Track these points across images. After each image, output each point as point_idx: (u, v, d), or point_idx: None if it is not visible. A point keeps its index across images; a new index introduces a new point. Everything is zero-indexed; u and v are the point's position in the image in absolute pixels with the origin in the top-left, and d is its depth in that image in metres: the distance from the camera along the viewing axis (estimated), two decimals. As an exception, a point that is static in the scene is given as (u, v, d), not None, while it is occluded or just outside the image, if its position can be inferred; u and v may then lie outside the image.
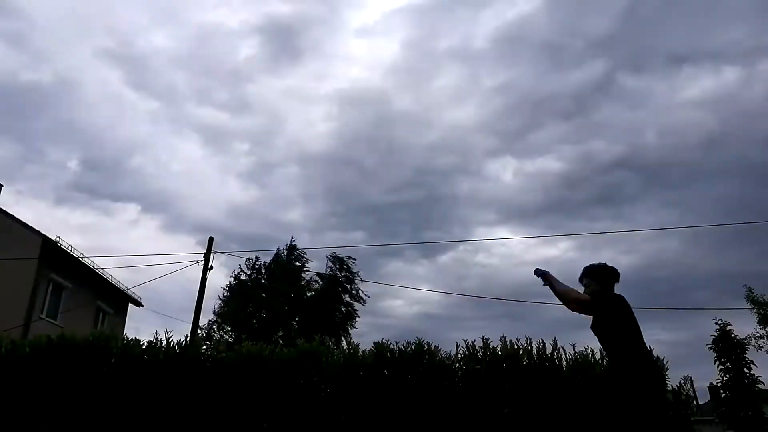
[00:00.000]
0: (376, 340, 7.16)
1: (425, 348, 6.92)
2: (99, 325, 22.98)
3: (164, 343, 7.24)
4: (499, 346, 6.74)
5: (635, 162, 57.99)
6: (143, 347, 7.11)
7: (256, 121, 64.48)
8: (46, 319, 19.68)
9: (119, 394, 6.82)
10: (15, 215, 20.39)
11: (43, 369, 7.00)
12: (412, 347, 6.94)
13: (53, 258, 20.19)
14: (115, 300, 25.04)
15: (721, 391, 16.90)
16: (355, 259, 30.18)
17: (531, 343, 6.72)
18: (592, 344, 6.54)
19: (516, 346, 6.70)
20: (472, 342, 6.93)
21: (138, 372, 6.92)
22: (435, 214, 61.73)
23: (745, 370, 16.56)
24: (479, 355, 6.78)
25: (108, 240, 58.39)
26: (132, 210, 60.88)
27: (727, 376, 16.88)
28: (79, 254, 21.23)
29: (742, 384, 16.36)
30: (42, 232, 19.86)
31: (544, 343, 6.72)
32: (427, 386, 6.63)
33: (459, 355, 6.89)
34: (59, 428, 6.78)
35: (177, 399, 6.77)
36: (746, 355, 16.90)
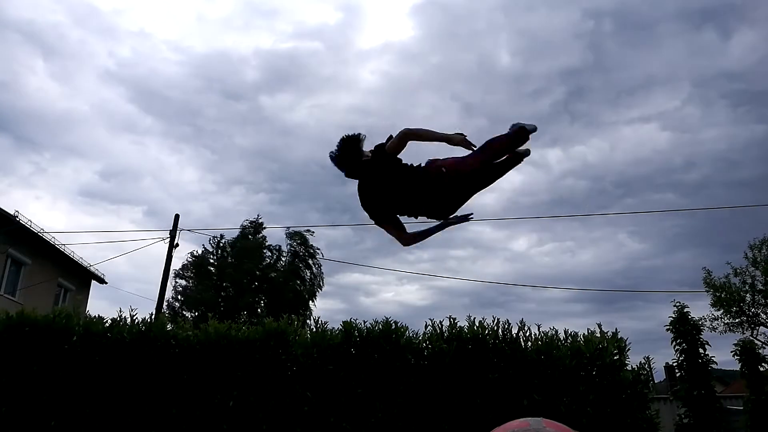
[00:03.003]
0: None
1: (392, 327, 6.94)
2: (60, 303, 22.48)
3: (128, 320, 7.11)
4: (466, 326, 6.80)
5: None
6: (106, 325, 6.96)
7: (257, 122, 64.49)
8: (5, 296, 19.20)
9: (80, 374, 6.69)
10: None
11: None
12: (380, 326, 6.96)
13: (12, 233, 19.60)
14: (78, 277, 24.49)
15: (677, 371, 17.53)
16: (313, 233, 29.95)
17: (498, 323, 6.81)
18: (557, 325, 6.65)
19: (483, 326, 6.77)
20: (440, 322, 6.99)
21: (101, 351, 6.81)
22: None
23: (700, 350, 17.14)
24: (446, 334, 6.84)
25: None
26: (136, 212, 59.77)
27: (683, 356, 17.46)
28: (38, 230, 20.65)
29: (697, 364, 16.95)
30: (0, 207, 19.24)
31: (509, 324, 6.81)
32: (394, 365, 6.67)
33: (425, 335, 6.94)
34: (15, 408, 6.63)
35: (141, 379, 6.68)
36: (701, 337, 17.49)
